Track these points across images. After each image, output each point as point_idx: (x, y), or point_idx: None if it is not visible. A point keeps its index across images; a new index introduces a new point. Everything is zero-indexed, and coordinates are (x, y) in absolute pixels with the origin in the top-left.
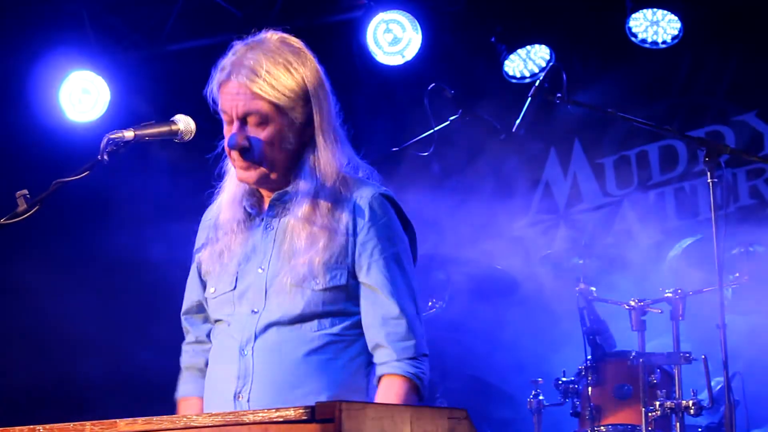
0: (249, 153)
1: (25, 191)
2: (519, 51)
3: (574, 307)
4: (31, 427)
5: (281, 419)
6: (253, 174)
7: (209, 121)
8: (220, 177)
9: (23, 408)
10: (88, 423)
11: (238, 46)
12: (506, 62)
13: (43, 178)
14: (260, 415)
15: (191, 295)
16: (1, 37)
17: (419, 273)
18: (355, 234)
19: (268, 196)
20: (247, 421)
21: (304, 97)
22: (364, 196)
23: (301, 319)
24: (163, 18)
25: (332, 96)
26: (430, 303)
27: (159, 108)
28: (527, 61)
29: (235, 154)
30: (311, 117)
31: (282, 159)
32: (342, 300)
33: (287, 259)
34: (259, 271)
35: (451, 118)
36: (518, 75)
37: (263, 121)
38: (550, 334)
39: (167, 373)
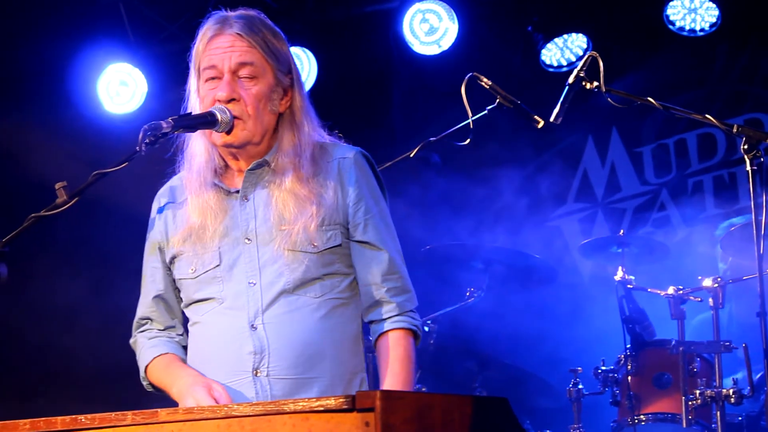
0: (236, 106)
1: (64, 183)
2: (556, 40)
3: (613, 296)
4: (74, 417)
5: (322, 408)
6: (239, 136)
7: None
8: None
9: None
10: (129, 413)
11: (221, 12)
12: (543, 51)
13: (82, 170)
14: (301, 404)
15: (154, 284)
16: (41, 31)
17: (458, 262)
18: (345, 193)
19: (239, 170)
20: (288, 410)
21: (288, 65)
22: (346, 157)
23: (304, 283)
24: (200, 9)
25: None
26: (468, 292)
27: None
28: (564, 50)
29: (222, 106)
30: (290, 87)
31: (266, 122)
32: (337, 261)
33: (276, 226)
34: (246, 241)
35: (489, 107)
36: (555, 64)
37: (255, 75)
38: (589, 323)
39: None
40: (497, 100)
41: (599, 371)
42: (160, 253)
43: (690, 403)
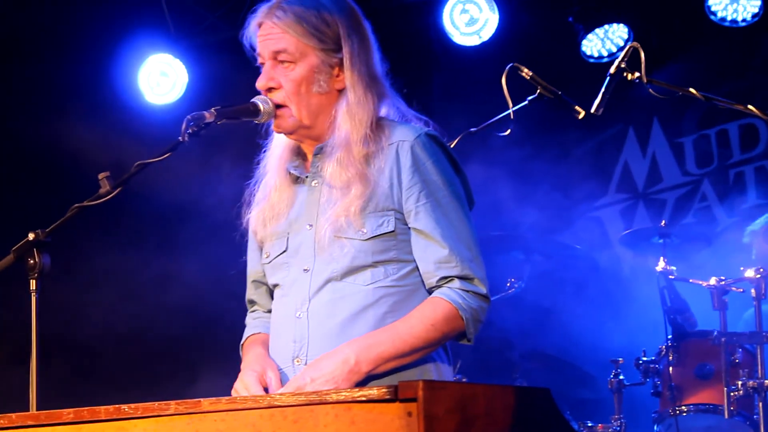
0: (278, 93)
1: (107, 173)
2: (597, 30)
3: (655, 287)
4: (117, 406)
5: (364, 398)
6: (286, 122)
7: None
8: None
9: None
10: (173, 402)
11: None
12: (584, 42)
13: (124, 160)
14: (343, 394)
15: (252, 268)
16: (82, 23)
17: (499, 253)
18: (399, 178)
19: (311, 154)
20: (331, 400)
21: (336, 40)
22: (406, 139)
23: (352, 271)
24: (240, 0)
25: (374, 45)
26: (508, 283)
27: (237, 90)
28: (605, 41)
29: (264, 96)
30: (341, 64)
31: (315, 104)
32: (393, 248)
33: (332, 212)
34: (308, 227)
35: (529, 98)
36: (596, 55)
37: (293, 60)
38: (631, 314)
39: None
40: (538, 91)
41: (640, 362)
42: (255, 238)
43: (732, 394)
